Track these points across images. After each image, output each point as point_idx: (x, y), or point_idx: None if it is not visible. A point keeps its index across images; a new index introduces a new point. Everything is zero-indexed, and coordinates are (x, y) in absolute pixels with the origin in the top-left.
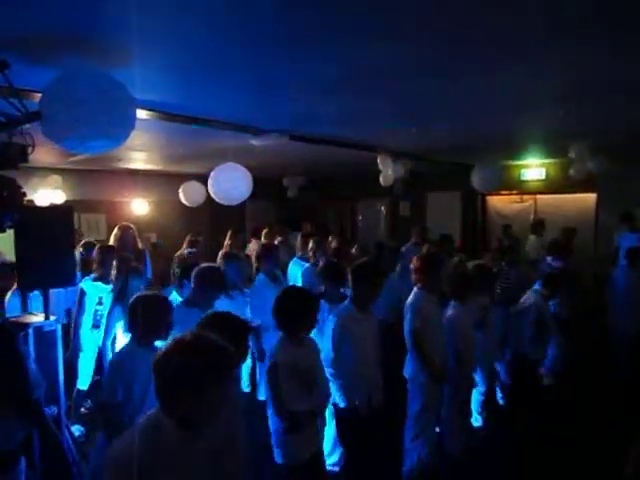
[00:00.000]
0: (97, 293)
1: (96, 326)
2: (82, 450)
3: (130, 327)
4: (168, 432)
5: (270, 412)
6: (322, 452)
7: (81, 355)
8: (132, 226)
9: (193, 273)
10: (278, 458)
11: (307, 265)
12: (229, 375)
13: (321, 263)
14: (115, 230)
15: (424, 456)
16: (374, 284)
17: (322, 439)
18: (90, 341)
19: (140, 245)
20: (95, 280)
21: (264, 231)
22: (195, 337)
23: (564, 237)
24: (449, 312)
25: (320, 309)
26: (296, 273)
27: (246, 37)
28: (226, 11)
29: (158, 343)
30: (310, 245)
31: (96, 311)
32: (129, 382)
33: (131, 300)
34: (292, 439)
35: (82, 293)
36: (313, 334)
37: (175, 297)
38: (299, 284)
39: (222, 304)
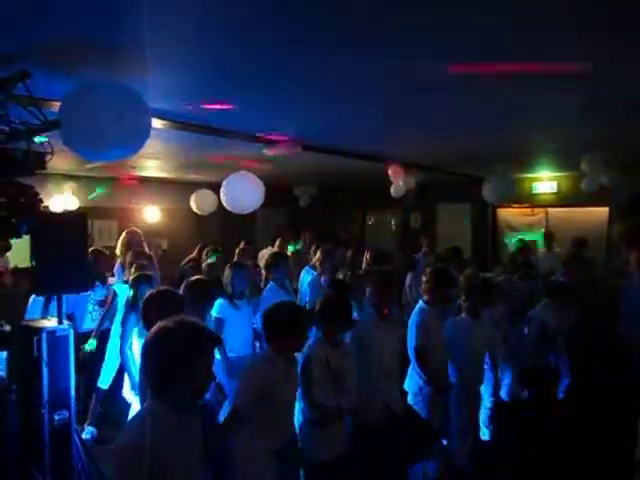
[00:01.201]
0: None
1: None
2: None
3: (145, 323)
4: (166, 417)
5: (298, 408)
6: (348, 455)
7: (107, 355)
8: (139, 231)
9: (182, 288)
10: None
11: (314, 274)
12: (211, 351)
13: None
14: (123, 234)
15: (431, 471)
16: (392, 292)
17: (348, 442)
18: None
19: (147, 250)
20: (126, 283)
21: (278, 240)
22: (176, 322)
23: (573, 248)
24: (457, 324)
25: None
26: (304, 282)
27: (259, 48)
28: (239, 23)
29: None
30: (317, 255)
31: None
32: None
33: (144, 297)
34: (319, 436)
35: (114, 295)
36: None
37: None
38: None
39: (228, 314)
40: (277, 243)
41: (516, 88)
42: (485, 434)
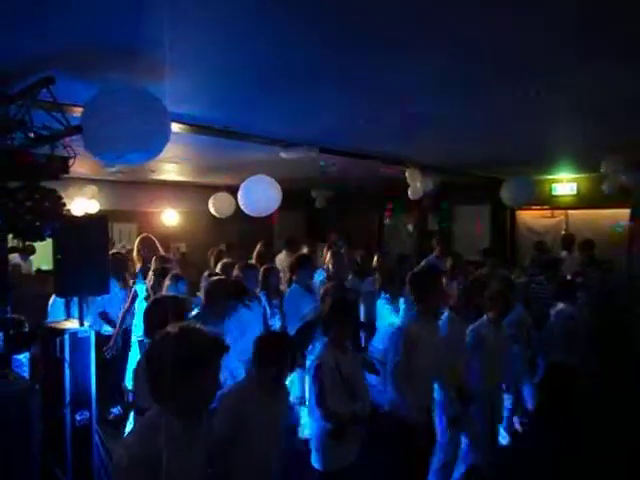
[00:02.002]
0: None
1: None
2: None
3: (145, 331)
4: (170, 426)
5: (313, 415)
6: (362, 463)
7: (130, 354)
8: (151, 236)
9: (203, 289)
10: (316, 463)
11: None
12: (216, 359)
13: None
14: (137, 240)
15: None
16: (437, 291)
17: (358, 450)
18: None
19: (161, 252)
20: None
21: (305, 247)
22: (180, 328)
23: (583, 252)
24: (477, 330)
25: None
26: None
27: (279, 53)
28: (256, 29)
29: None
30: (327, 257)
31: None
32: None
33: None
34: (334, 444)
35: (135, 295)
36: None
37: None
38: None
39: (240, 314)
40: (305, 249)
41: (534, 89)
42: (505, 438)
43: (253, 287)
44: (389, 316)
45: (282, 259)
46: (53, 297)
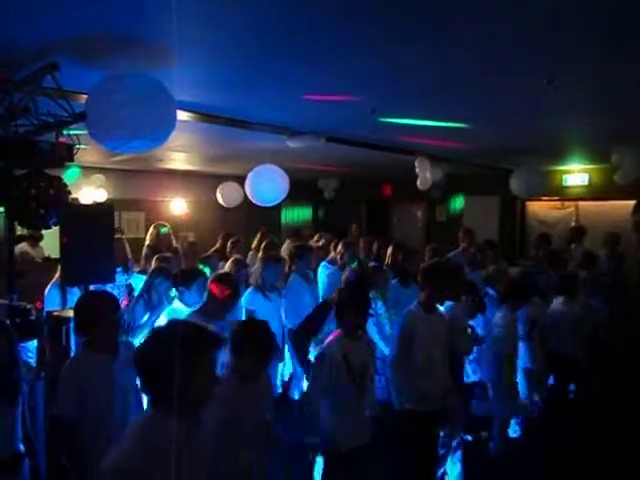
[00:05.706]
0: None
1: None
2: None
3: (79, 331)
4: (165, 429)
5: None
6: (367, 448)
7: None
8: (167, 225)
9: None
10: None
11: (333, 268)
12: (208, 353)
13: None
14: (151, 229)
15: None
16: (443, 285)
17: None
18: None
19: (174, 244)
20: (140, 273)
21: (292, 235)
22: (169, 324)
23: (607, 244)
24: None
25: None
26: (322, 276)
27: (285, 40)
28: (265, 14)
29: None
30: (339, 248)
31: None
32: (84, 392)
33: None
34: (341, 426)
35: (131, 289)
36: None
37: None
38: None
39: (260, 305)
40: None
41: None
42: (516, 431)
43: (272, 279)
44: None
45: (286, 249)
46: (49, 286)
